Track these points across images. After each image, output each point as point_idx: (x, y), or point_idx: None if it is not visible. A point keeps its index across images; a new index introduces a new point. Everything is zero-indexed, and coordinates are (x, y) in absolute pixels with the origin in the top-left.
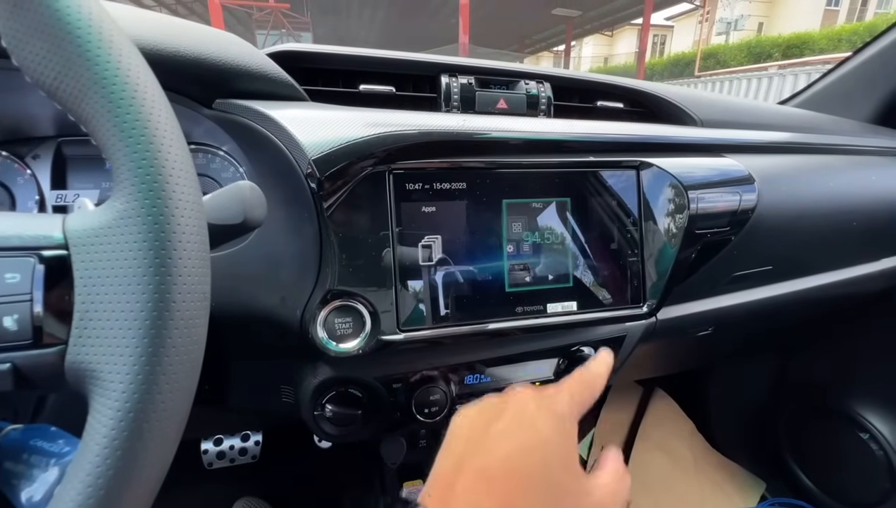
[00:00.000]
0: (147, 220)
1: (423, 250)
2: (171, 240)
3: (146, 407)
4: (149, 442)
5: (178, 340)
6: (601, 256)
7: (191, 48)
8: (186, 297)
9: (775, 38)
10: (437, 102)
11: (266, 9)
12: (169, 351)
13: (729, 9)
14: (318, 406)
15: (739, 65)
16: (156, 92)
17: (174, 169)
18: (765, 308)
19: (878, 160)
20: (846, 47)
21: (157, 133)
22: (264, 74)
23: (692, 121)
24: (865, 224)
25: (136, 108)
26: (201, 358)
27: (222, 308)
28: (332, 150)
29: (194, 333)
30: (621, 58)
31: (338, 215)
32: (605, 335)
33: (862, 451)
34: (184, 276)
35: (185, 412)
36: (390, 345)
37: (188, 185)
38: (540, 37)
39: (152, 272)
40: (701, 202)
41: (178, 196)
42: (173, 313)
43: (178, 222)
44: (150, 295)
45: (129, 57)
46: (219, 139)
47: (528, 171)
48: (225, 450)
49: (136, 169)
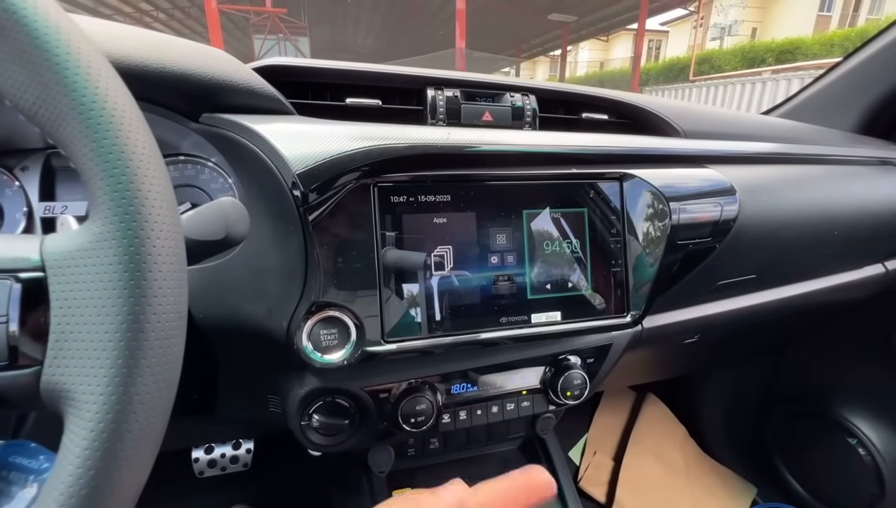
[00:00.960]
0: (122, 243)
1: (407, 261)
2: (147, 262)
3: (119, 427)
4: (122, 461)
5: (152, 360)
6: (585, 266)
7: (176, 64)
8: (161, 317)
9: (769, 44)
10: (424, 114)
11: (263, 14)
12: (143, 371)
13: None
14: (305, 416)
15: (734, 70)
16: (133, 116)
17: (150, 192)
18: (750, 316)
19: (861, 170)
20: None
21: (134, 157)
22: (250, 88)
23: (675, 132)
24: (847, 233)
25: (113, 132)
26: (177, 377)
27: (209, 319)
28: (316, 164)
29: (169, 352)
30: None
31: (323, 228)
32: (591, 343)
33: (850, 456)
34: (158, 297)
35: (160, 430)
36: (375, 356)
37: (164, 207)
38: (536, 42)
39: (127, 294)
40: (682, 213)
41: (154, 219)
42: (147, 333)
43: (154, 245)
44: (125, 316)
45: (107, 82)
46: (207, 151)
47: (512, 183)
48: (216, 458)
49: (111, 192)
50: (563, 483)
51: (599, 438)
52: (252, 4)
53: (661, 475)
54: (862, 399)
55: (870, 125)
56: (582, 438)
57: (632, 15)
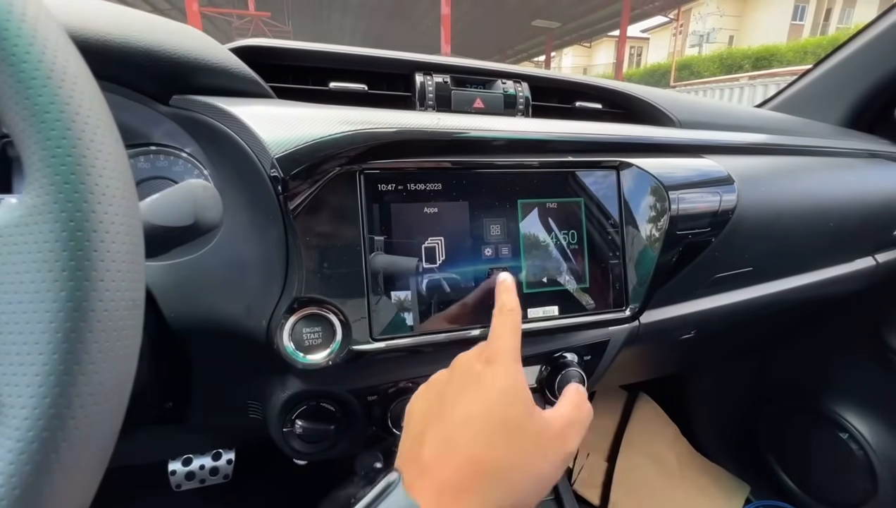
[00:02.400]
0: (61, 217)
1: (396, 255)
2: (91, 240)
3: (54, 436)
4: (58, 475)
5: (97, 355)
6: (582, 259)
7: (142, 39)
8: (110, 305)
9: (745, 51)
10: (412, 100)
11: (246, 17)
12: (86, 369)
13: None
14: (288, 423)
15: (712, 76)
16: (79, 71)
17: (98, 158)
18: (746, 310)
19: (849, 162)
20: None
21: (79, 117)
22: (225, 68)
23: (671, 122)
24: (840, 225)
25: (52, 88)
26: (131, 375)
27: (182, 319)
28: (297, 148)
29: (120, 346)
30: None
31: (304, 218)
32: (588, 340)
33: (842, 451)
34: (107, 281)
35: (110, 438)
36: (363, 355)
37: (116, 177)
38: (521, 47)
39: (66, 277)
40: (682, 203)
41: (103, 188)
42: (91, 323)
43: (101, 220)
44: (63, 303)
45: (46, 30)
46: (181, 141)
47: (506, 172)
48: (195, 470)
49: (48, 158)
50: (559, 487)
51: (592, 439)
52: (234, 8)
53: (654, 475)
54: (853, 394)
55: (856, 119)
56: None
57: (613, 22)
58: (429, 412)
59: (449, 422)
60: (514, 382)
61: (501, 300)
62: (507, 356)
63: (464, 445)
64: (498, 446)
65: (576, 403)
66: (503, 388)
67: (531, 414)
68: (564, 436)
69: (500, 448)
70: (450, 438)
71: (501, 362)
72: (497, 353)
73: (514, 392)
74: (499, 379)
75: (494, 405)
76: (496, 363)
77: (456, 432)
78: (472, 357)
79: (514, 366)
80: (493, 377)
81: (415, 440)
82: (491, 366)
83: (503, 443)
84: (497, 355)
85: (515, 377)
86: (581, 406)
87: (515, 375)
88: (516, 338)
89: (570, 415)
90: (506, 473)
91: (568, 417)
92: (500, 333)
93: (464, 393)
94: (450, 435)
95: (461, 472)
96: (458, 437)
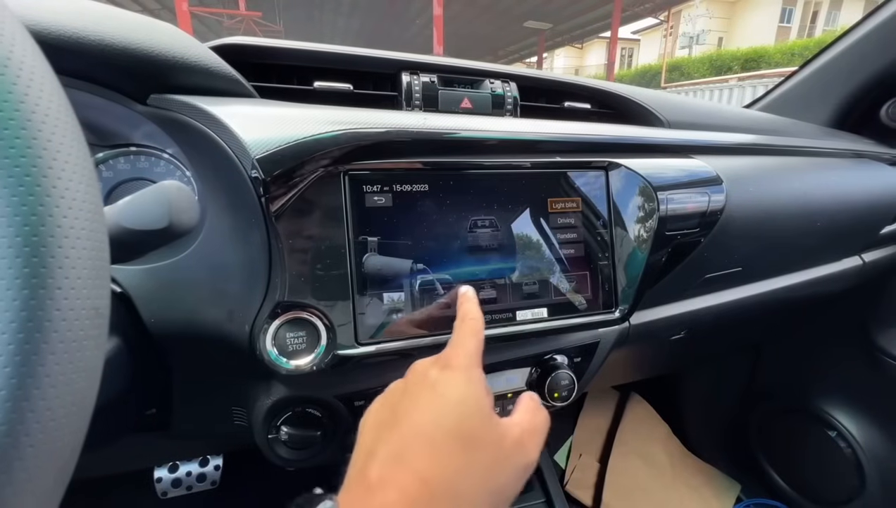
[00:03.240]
0: (14, 221)
1: (381, 257)
2: (48, 245)
3: (6, 454)
4: (10, 499)
5: (54, 368)
6: (572, 260)
7: (118, 36)
8: (68, 314)
9: (734, 52)
10: (398, 100)
11: (237, 17)
12: (41, 381)
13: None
14: (273, 429)
15: (702, 77)
16: (37, 65)
17: (57, 157)
18: (735, 310)
19: (837, 162)
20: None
21: (35, 114)
22: (204, 66)
23: (659, 122)
24: (828, 224)
25: (5, 83)
26: (94, 389)
27: (162, 324)
28: (278, 148)
29: (80, 358)
30: (591, 69)
31: (286, 220)
32: (578, 342)
33: (831, 449)
34: (65, 289)
35: (69, 456)
36: (348, 360)
37: (77, 178)
38: (513, 48)
39: (19, 285)
40: (671, 203)
41: (62, 191)
42: (48, 334)
43: (59, 224)
44: (16, 313)
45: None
46: (162, 141)
47: (494, 172)
48: (181, 477)
49: (1, 158)
50: (550, 488)
51: (585, 440)
52: (225, 7)
53: (646, 475)
54: (841, 392)
55: (841, 120)
56: (567, 440)
57: (605, 23)
58: (380, 423)
59: (400, 434)
60: (471, 388)
61: (463, 310)
62: (465, 361)
63: (414, 459)
64: (451, 459)
65: (531, 409)
66: (459, 395)
67: (488, 423)
68: (524, 445)
69: (454, 461)
70: (400, 452)
71: (458, 366)
72: (453, 358)
73: (471, 399)
74: (454, 386)
75: (449, 414)
76: (452, 369)
77: (407, 445)
78: (428, 364)
79: (472, 371)
80: (448, 384)
81: (366, 456)
82: (446, 372)
83: (457, 456)
84: (453, 359)
85: (472, 382)
86: (537, 413)
87: (473, 380)
88: (477, 343)
89: (527, 422)
90: (460, 490)
91: (525, 424)
92: (459, 339)
93: (417, 402)
94: (400, 449)
95: (412, 491)
96: (409, 451)
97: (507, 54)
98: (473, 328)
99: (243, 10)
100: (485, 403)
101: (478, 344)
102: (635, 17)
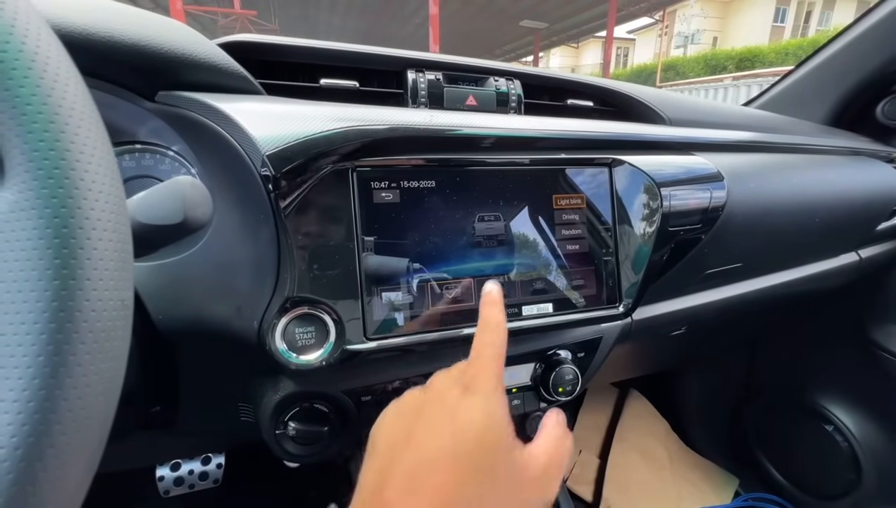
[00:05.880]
0: (45, 213)
1: (389, 254)
2: (77, 237)
3: (40, 442)
4: (44, 484)
5: (85, 357)
6: (576, 256)
7: (127, 33)
8: (97, 306)
9: (729, 52)
10: (404, 98)
11: (232, 16)
12: (72, 371)
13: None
14: (280, 425)
15: (697, 76)
16: (62, 62)
17: (84, 151)
18: (735, 306)
19: (833, 159)
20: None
21: (62, 108)
22: (212, 63)
23: (661, 120)
24: (825, 221)
25: (33, 77)
26: (120, 378)
27: (171, 320)
28: (288, 145)
29: (109, 348)
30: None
31: (296, 216)
32: (581, 337)
33: (828, 443)
34: (94, 280)
35: (98, 443)
36: (357, 355)
37: (103, 171)
38: (509, 48)
39: (50, 276)
40: (673, 200)
41: (89, 183)
42: (79, 324)
43: (87, 216)
44: (48, 303)
45: (26, 21)
46: (168, 139)
47: (499, 168)
48: (183, 475)
49: (31, 151)
50: None
51: (584, 436)
52: (220, 6)
53: (646, 471)
54: (837, 387)
55: (838, 117)
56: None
57: (600, 23)
58: (396, 442)
59: (416, 457)
60: (493, 419)
61: (485, 315)
62: (488, 384)
63: (433, 489)
64: (472, 492)
65: (557, 437)
66: (482, 426)
67: (510, 454)
68: (545, 481)
69: (475, 494)
70: (416, 477)
71: (481, 391)
72: (476, 380)
73: (494, 430)
74: (476, 411)
75: (470, 444)
76: (475, 393)
77: (424, 470)
78: (449, 383)
79: (494, 397)
80: (470, 409)
81: (378, 475)
82: (468, 398)
83: (477, 488)
84: (476, 381)
85: (496, 410)
86: (563, 441)
87: (496, 408)
88: (499, 361)
89: (552, 453)
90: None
91: (549, 456)
92: (481, 352)
93: (436, 424)
94: (416, 474)
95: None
96: (427, 478)
97: (503, 54)
98: (497, 340)
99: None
100: (507, 433)
101: (501, 362)
102: (630, 16)
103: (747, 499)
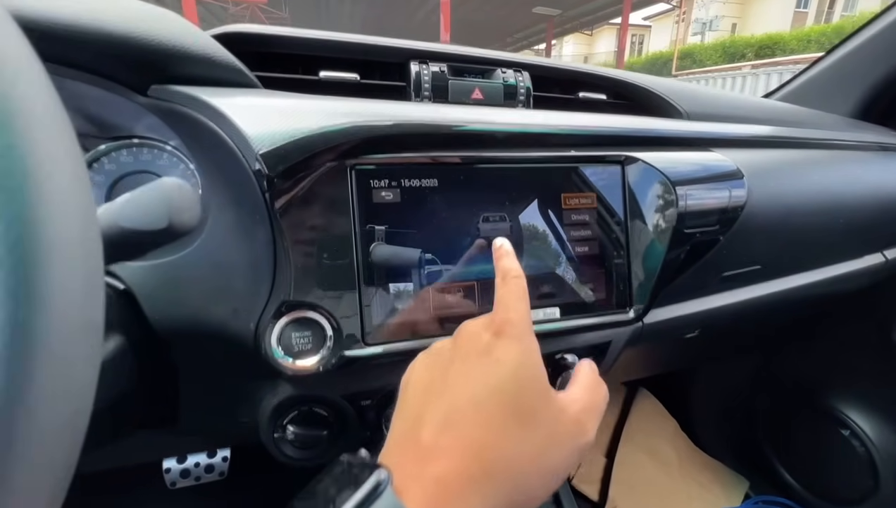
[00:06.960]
0: None
1: (389, 256)
2: (35, 253)
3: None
4: None
5: (41, 387)
6: (585, 258)
7: (117, 24)
8: (59, 327)
9: (748, 39)
10: (407, 91)
11: (242, 4)
12: (30, 401)
13: (704, 10)
14: (279, 428)
15: (714, 64)
16: (22, 56)
17: (44, 156)
18: (752, 309)
19: (859, 155)
20: (815, 48)
21: (22, 108)
22: (206, 56)
23: (678, 114)
24: (850, 220)
25: None
26: (88, 407)
27: (167, 321)
28: (284, 143)
29: (73, 376)
30: (601, 56)
31: (292, 216)
32: (590, 341)
33: (844, 448)
34: (54, 299)
35: (62, 477)
36: (355, 361)
37: (67, 177)
38: (521, 35)
39: (2, 298)
40: (690, 199)
41: (49, 194)
42: (35, 350)
43: (48, 232)
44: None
45: None
46: (165, 134)
47: (506, 166)
48: (189, 468)
49: None
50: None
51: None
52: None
53: (653, 471)
54: (855, 391)
55: (867, 111)
56: None
57: (615, 9)
58: (430, 389)
59: (453, 399)
60: (529, 358)
61: (503, 267)
62: (520, 328)
63: (469, 432)
64: (510, 433)
65: (591, 385)
66: (517, 365)
67: (546, 397)
68: (581, 424)
69: (512, 435)
70: (454, 420)
71: (514, 334)
72: (507, 325)
73: (529, 370)
74: (511, 354)
75: (505, 387)
76: (508, 337)
77: (461, 413)
78: (480, 327)
79: (528, 339)
80: (505, 352)
81: (413, 421)
82: (502, 339)
83: (515, 430)
84: (507, 325)
85: (530, 352)
86: (598, 389)
87: (530, 350)
88: (526, 307)
89: (587, 399)
90: (516, 465)
91: (584, 401)
92: (508, 302)
93: (471, 369)
94: (454, 417)
95: (465, 462)
96: (463, 422)
97: (515, 42)
98: (519, 288)
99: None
100: (542, 375)
101: (528, 307)
102: (647, 2)
103: (757, 502)
